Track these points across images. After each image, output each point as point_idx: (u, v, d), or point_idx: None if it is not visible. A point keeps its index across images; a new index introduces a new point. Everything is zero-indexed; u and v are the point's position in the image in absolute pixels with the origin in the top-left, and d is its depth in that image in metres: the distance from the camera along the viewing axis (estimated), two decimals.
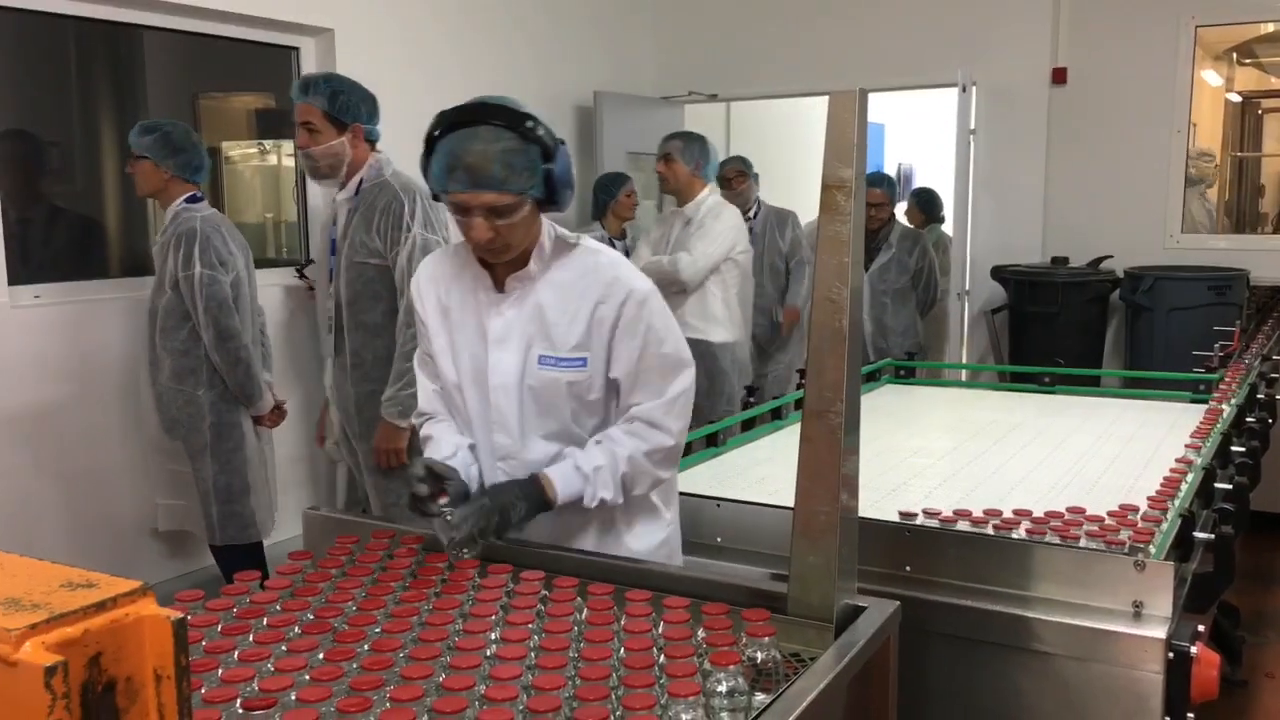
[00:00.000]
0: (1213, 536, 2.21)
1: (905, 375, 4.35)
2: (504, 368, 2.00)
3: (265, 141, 5.35)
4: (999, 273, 5.77)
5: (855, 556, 1.66)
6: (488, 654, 1.43)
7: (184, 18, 4.40)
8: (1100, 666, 1.94)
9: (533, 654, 1.43)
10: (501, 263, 1.98)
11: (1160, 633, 1.89)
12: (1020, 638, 2.01)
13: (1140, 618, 1.95)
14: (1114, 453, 3.02)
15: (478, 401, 2.03)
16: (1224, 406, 3.25)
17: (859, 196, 1.56)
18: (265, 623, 1.52)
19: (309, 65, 4.89)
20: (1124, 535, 2.11)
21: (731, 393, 4.58)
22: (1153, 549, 2.04)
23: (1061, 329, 5.46)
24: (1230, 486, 2.55)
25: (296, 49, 4.88)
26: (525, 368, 1.99)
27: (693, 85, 6.62)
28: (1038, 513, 2.27)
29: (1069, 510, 2.27)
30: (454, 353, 2.04)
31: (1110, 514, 2.23)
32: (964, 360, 6.01)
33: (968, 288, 6.00)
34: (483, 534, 1.81)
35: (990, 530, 2.21)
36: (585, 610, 1.58)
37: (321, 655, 1.40)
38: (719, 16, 6.63)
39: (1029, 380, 4.07)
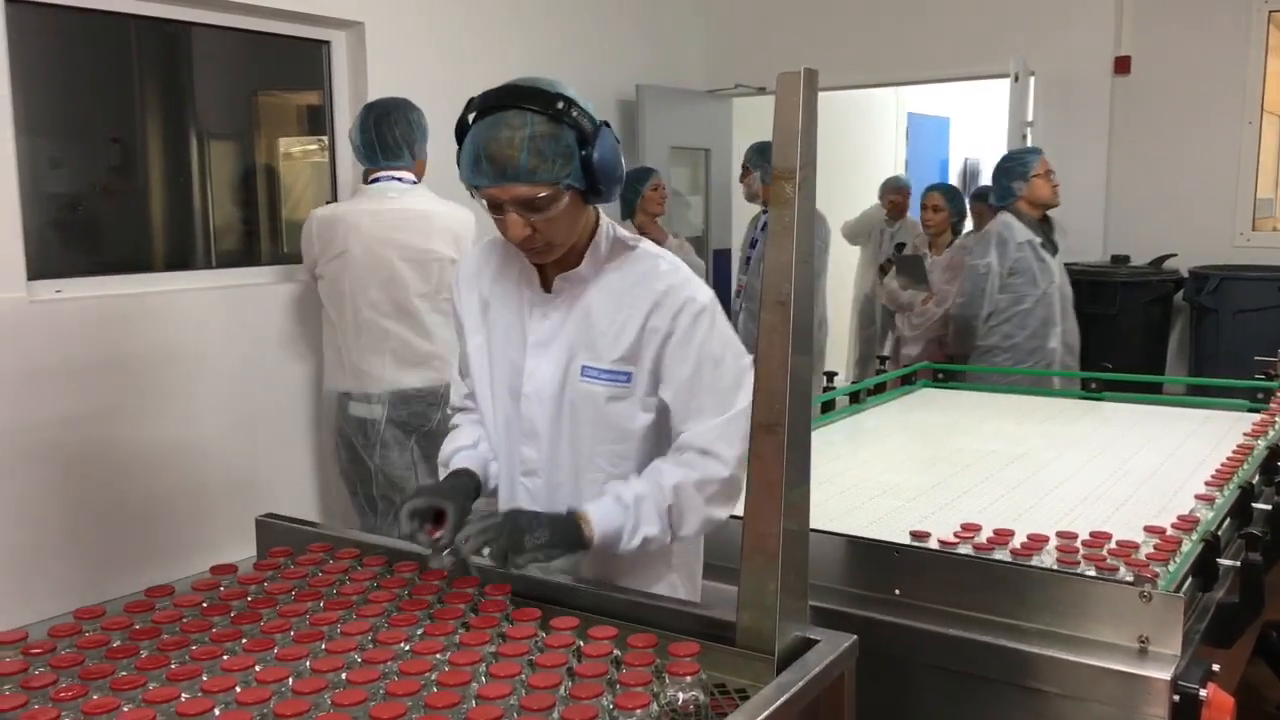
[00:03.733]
0: (1238, 564, 2.00)
1: (944, 379, 4.15)
2: (541, 375, 1.82)
3: (317, 138, 5.33)
4: None
5: (804, 583, 1.50)
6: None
7: (216, 11, 4.37)
8: (1099, 708, 1.75)
9: (431, 683, 1.30)
10: (550, 261, 1.80)
11: (1166, 673, 1.70)
12: (1013, 673, 1.83)
13: (1145, 655, 1.76)
14: (1154, 466, 2.80)
15: (508, 408, 1.86)
16: (1277, 418, 3.01)
17: (807, 187, 1.41)
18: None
19: (340, 59, 4.84)
20: (1136, 559, 1.92)
21: None
22: (1162, 578, 1.85)
23: (1121, 332, 5.18)
24: (1270, 507, 2.34)
25: (328, 43, 4.83)
26: (566, 378, 1.80)
27: (740, 78, 6.44)
28: (1050, 533, 2.08)
29: (1092, 534, 2.08)
30: (490, 353, 1.89)
31: (1119, 542, 2.03)
32: None
33: None
34: (495, 556, 1.62)
35: (989, 553, 2.03)
36: (501, 637, 1.45)
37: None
38: (768, 6, 6.45)
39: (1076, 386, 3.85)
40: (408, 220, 3.64)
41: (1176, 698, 1.69)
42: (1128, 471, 2.73)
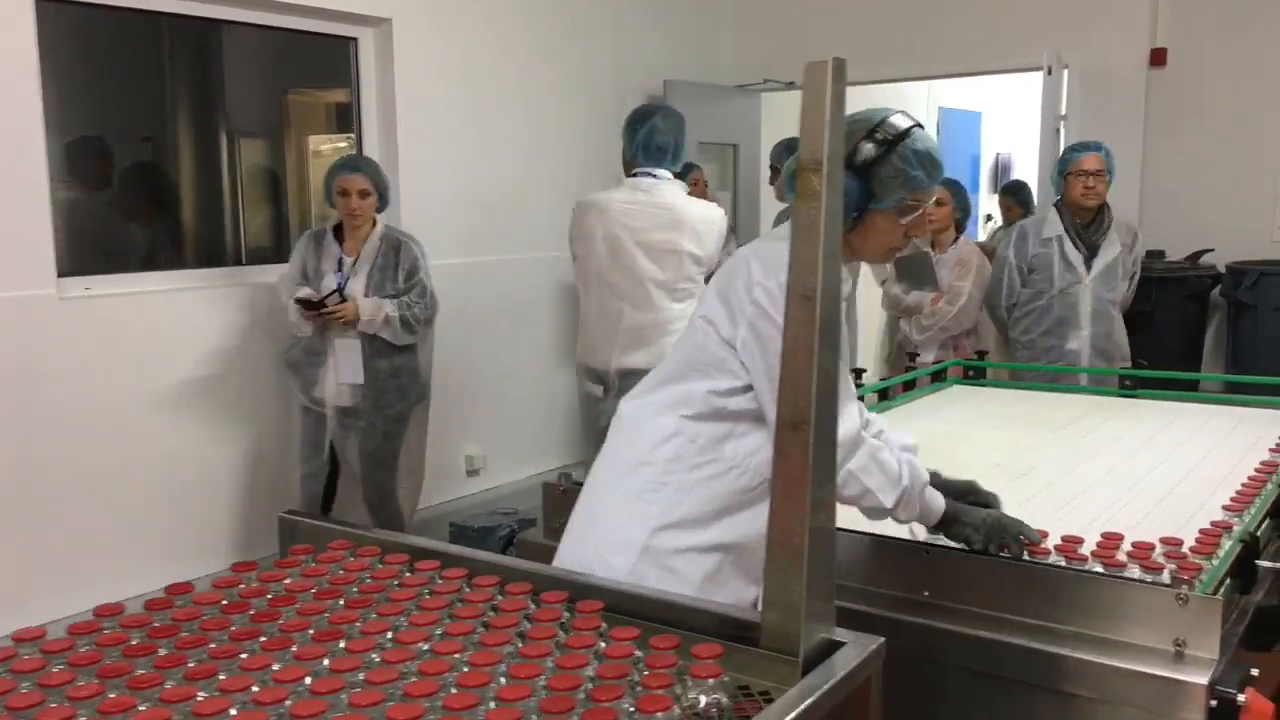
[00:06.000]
0: (1278, 566, 1.95)
1: (975, 376, 4.09)
2: None
3: (346, 136, 5.34)
4: None
5: (830, 584, 1.47)
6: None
7: (244, 9, 4.39)
8: (1133, 712, 1.71)
9: (450, 684, 1.28)
10: None
11: (1203, 677, 1.66)
12: (1045, 676, 1.79)
13: (1182, 659, 1.71)
14: (1190, 465, 2.74)
15: None
16: None
17: (834, 179, 1.38)
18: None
19: (367, 56, 4.84)
20: (1172, 561, 1.87)
21: None
22: (1200, 580, 1.80)
23: (1156, 328, 5.10)
24: None
25: (355, 39, 4.84)
26: None
27: (769, 73, 6.40)
28: (1083, 534, 2.04)
29: (1131, 540, 2.03)
30: None
31: (1162, 539, 1.98)
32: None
33: None
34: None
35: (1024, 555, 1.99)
36: (525, 634, 1.43)
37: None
38: (796, 0, 6.40)
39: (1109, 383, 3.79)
40: (653, 212, 3.89)
41: (1214, 703, 1.64)
42: (1164, 471, 2.67)
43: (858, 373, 3.83)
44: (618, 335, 3.95)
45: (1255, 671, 1.72)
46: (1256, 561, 1.95)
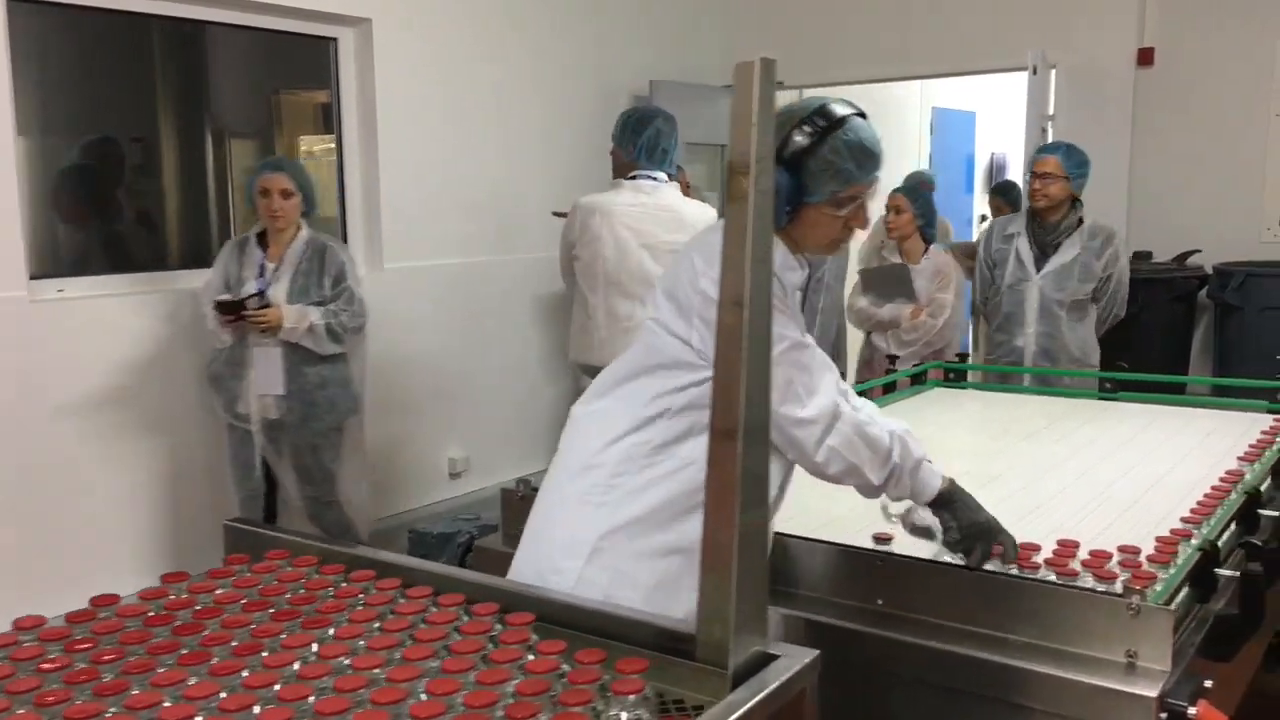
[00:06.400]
0: (1238, 574, 1.91)
1: (955, 379, 4.06)
2: None
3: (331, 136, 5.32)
4: None
5: (763, 595, 1.44)
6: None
7: (223, 9, 4.36)
8: None
9: (365, 701, 1.25)
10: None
11: (1153, 690, 1.63)
12: (997, 687, 1.76)
13: (1133, 671, 1.68)
14: (1164, 470, 2.71)
15: None
16: None
17: (763, 181, 1.35)
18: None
19: (347, 56, 4.81)
20: (1127, 570, 1.84)
21: None
22: (1154, 590, 1.77)
23: (1142, 330, 5.06)
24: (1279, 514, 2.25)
25: (335, 40, 4.81)
26: None
27: None
28: (1045, 541, 2.01)
29: (1088, 553, 2.00)
30: None
31: (1119, 547, 1.95)
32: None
33: None
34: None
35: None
36: (450, 648, 1.40)
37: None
38: (784, 1, 6.37)
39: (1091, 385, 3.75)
40: (657, 214, 3.96)
41: (1164, 715, 1.61)
42: (1135, 475, 2.64)
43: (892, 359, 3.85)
44: (628, 333, 3.95)
45: (1209, 683, 1.69)
46: (1216, 570, 1.92)
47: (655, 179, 4.00)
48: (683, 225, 3.92)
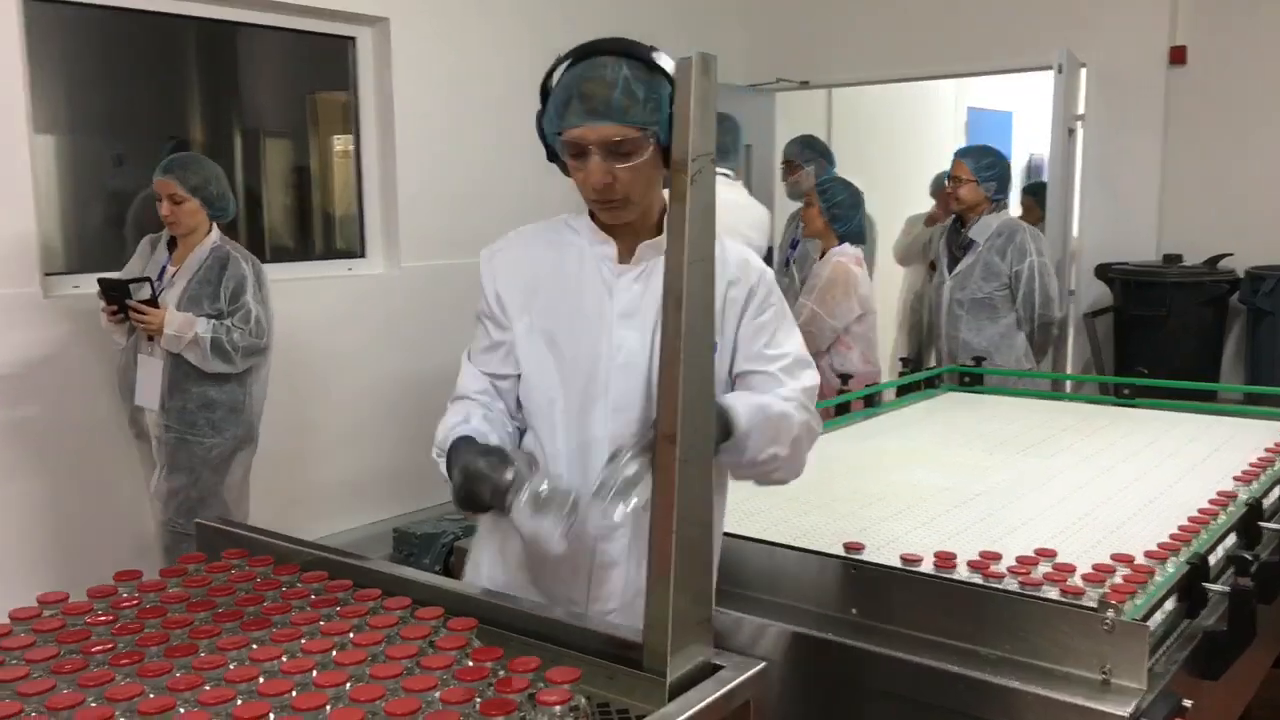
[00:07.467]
0: (1228, 589, 1.84)
1: (971, 383, 3.98)
2: (631, 346, 1.75)
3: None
4: (1103, 272, 5.27)
5: (707, 603, 1.40)
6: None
7: (243, 9, 4.38)
8: None
9: (286, 707, 1.23)
10: (625, 230, 1.77)
11: (1125, 709, 1.56)
12: (970, 704, 1.71)
13: (1108, 688, 1.62)
14: (1173, 479, 2.63)
15: (585, 388, 1.76)
16: None
17: (703, 179, 1.31)
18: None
19: (365, 55, 4.82)
20: (1104, 586, 1.77)
21: None
22: (1132, 604, 1.70)
23: (1170, 334, 4.95)
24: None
25: (353, 39, 4.81)
26: (653, 349, 1.72)
27: (782, 72, 6.31)
28: (1035, 552, 1.95)
29: (1057, 566, 1.93)
30: (549, 335, 1.80)
31: (1095, 566, 1.88)
32: (1068, 369, 5.53)
33: (1072, 288, 5.56)
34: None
35: (950, 572, 1.90)
36: (384, 653, 1.37)
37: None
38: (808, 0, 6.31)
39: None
40: (724, 208, 3.95)
41: None
42: (1140, 485, 2.56)
43: (843, 378, 3.73)
44: None
45: (1188, 702, 1.63)
46: (1206, 585, 1.85)
47: (728, 175, 4.11)
48: (743, 218, 3.98)
